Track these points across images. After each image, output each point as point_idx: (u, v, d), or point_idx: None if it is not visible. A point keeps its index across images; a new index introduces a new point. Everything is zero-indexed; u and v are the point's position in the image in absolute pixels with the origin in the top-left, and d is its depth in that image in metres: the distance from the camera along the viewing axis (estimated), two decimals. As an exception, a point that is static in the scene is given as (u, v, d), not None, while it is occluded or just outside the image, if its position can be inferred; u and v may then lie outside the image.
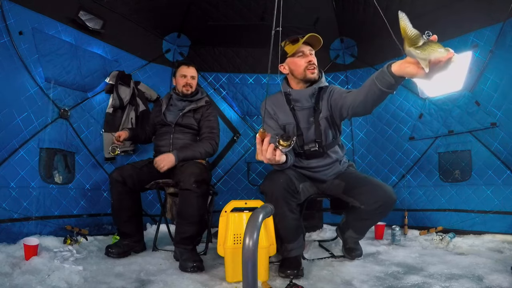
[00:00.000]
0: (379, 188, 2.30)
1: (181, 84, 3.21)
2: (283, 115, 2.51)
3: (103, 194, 3.58)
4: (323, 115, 2.45)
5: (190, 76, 3.22)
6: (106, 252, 2.71)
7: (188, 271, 2.34)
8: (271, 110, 2.53)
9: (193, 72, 3.25)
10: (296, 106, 2.50)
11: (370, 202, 2.29)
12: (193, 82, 3.26)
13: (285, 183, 2.26)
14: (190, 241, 2.59)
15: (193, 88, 3.25)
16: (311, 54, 2.47)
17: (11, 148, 2.84)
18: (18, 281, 1.96)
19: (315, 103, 2.47)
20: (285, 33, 4.03)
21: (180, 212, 2.64)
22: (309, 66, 2.44)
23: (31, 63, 2.99)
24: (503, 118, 3.14)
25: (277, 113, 2.51)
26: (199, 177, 2.61)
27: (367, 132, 4.32)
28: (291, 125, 2.49)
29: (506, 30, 3.08)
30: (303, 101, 2.48)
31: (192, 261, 2.39)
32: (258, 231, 1.41)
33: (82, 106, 3.47)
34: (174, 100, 3.27)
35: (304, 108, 2.49)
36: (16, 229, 2.72)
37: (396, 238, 3.12)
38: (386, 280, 2.13)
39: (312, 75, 2.45)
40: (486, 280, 2.02)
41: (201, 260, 2.47)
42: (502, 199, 3.08)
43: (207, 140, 3.08)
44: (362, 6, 3.91)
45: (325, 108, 2.45)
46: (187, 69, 3.23)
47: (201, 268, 2.38)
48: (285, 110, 2.51)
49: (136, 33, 4.01)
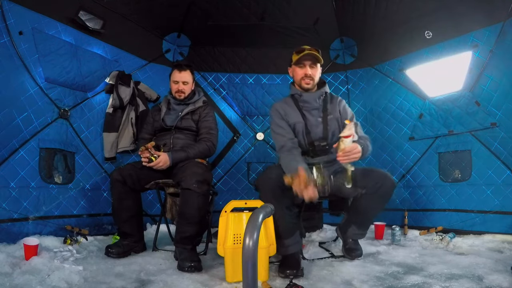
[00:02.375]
0: (377, 172, 2.48)
1: (174, 90, 3.20)
2: (293, 116, 2.68)
3: (103, 194, 3.58)
4: (333, 116, 2.69)
5: (182, 82, 3.17)
6: (106, 252, 2.71)
7: (185, 271, 2.34)
8: (281, 111, 2.70)
9: (185, 77, 3.18)
10: (305, 107, 2.69)
11: (370, 184, 2.40)
12: (186, 88, 3.20)
13: (278, 179, 2.32)
14: (189, 240, 2.59)
15: (186, 93, 3.21)
16: (312, 67, 2.66)
17: (11, 148, 2.84)
18: (18, 281, 1.96)
19: (323, 104, 2.70)
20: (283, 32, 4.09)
21: (181, 212, 2.64)
22: (305, 77, 2.67)
23: (31, 63, 2.99)
24: (503, 118, 3.13)
25: (287, 114, 2.68)
26: (200, 177, 2.60)
27: (367, 132, 4.26)
28: (300, 124, 2.66)
29: (506, 30, 3.08)
30: (312, 102, 2.69)
31: (189, 261, 2.39)
32: (258, 231, 1.41)
33: (82, 106, 3.47)
34: (172, 104, 3.24)
35: (313, 109, 2.69)
36: (16, 229, 2.72)
37: (396, 238, 3.12)
38: (386, 280, 2.13)
39: (306, 86, 2.68)
40: (486, 280, 2.02)
41: (199, 260, 2.47)
42: (502, 199, 3.08)
43: (204, 141, 3.08)
44: (362, 6, 3.91)
45: (335, 110, 2.71)
46: (179, 75, 3.17)
47: (198, 268, 2.38)
48: (294, 110, 2.70)
49: (136, 33, 4.01)
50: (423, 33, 3.65)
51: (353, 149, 2.25)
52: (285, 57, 4.55)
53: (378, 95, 4.25)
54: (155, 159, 2.84)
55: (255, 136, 4.56)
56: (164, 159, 2.86)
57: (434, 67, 3.64)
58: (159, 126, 3.20)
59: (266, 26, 4.26)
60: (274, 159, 4.49)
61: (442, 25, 3.51)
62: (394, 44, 4.01)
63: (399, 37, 3.93)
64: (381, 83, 4.22)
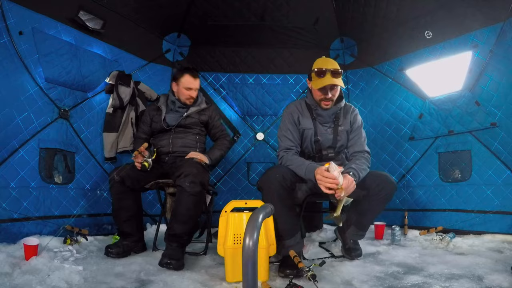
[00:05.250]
0: (380, 176, 2.50)
1: (185, 96, 3.18)
2: (305, 122, 2.71)
3: (103, 194, 3.58)
4: (344, 128, 2.73)
5: (195, 89, 3.20)
6: (106, 252, 2.71)
7: (162, 266, 2.40)
8: (295, 115, 2.71)
9: (198, 84, 3.23)
10: (318, 119, 2.71)
11: (372, 186, 2.43)
12: (196, 94, 3.25)
13: (281, 178, 2.34)
14: (176, 239, 2.56)
15: (194, 98, 3.25)
16: (332, 88, 2.56)
17: (11, 148, 2.84)
18: (18, 281, 1.97)
19: (335, 119, 2.72)
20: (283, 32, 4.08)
21: (173, 210, 2.67)
22: (324, 100, 2.60)
23: (31, 63, 2.99)
24: (503, 118, 3.13)
25: (300, 119, 2.71)
26: (194, 177, 2.57)
27: (367, 132, 4.26)
28: (309, 131, 2.70)
29: (506, 30, 3.08)
30: (325, 117, 2.70)
31: (168, 258, 2.41)
32: (258, 231, 1.41)
33: (82, 106, 3.47)
34: (175, 106, 3.23)
35: (325, 122, 2.72)
36: (16, 229, 2.72)
37: (396, 238, 3.12)
38: (386, 280, 2.13)
39: (325, 107, 2.63)
40: (486, 280, 2.02)
41: (179, 259, 2.46)
42: (502, 199, 3.08)
43: (223, 138, 3.32)
44: (362, 6, 3.91)
45: (346, 122, 2.74)
46: (194, 82, 3.18)
47: (175, 267, 2.39)
48: (307, 117, 2.72)
49: (136, 33, 4.01)
50: (423, 33, 3.65)
51: (349, 185, 2.22)
52: (285, 57, 4.59)
53: (378, 95, 4.25)
54: (148, 164, 2.85)
55: (255, 136, 4.56)
56: (202, 156, 3.01)
57: (434, 67, 3.64)
58: (159, 127, 3.20)
59: (266, 26, 4.26)
60: (274, 159, 4.50)
61: (442, 25, 3.51)
62: (394, 44, 4.01)
63: (399, 37, 3.93)
64: (381, 83, 4.22)
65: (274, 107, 4.57)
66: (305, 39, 4.43)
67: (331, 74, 2.49)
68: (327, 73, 2.49)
